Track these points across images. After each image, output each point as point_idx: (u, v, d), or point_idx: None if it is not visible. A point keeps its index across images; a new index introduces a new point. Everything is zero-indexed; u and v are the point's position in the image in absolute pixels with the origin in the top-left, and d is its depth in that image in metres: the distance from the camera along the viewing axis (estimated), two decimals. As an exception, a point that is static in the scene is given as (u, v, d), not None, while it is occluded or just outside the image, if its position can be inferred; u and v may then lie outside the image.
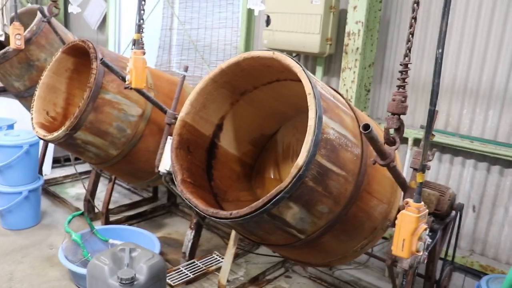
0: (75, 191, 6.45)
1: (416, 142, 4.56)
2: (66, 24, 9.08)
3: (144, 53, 3.08)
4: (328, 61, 5.28)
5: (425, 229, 2.04)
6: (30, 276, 4.13)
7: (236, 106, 3.00)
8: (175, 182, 2.51)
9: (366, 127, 1.85)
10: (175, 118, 3.68)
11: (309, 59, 5.51)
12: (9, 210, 4.89)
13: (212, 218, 2.26)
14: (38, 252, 4.64)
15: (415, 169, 2.39)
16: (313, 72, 5.27)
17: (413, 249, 2.03)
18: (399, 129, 2.14)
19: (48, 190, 6.22)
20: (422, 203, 2.02)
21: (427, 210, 2.06)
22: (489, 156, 4.24)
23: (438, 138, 4.42)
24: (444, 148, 4.52)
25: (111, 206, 5.60)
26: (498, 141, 4.18)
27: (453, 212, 3.65)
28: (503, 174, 4.27)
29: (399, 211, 3.15)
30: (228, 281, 4.11)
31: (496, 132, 4.22)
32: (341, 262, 3.02)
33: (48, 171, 6.92)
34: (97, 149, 3.87)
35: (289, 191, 2.11)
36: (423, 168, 1.98)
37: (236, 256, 4.38)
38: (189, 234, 4.41)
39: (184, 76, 3.68)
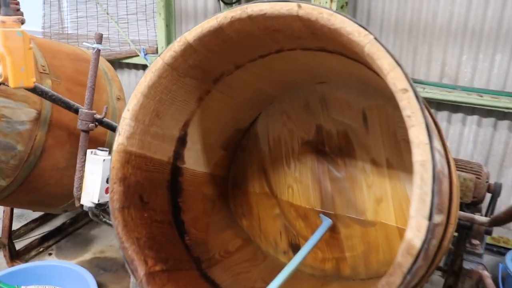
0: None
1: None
2: None
3: (22, 22, 1.67)
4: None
5: None
6: None
7: (206, 101, 1.76)
8: (135, 279, 1.29)
9: None
10: (95, 121, 2.33)
11: None
12: None
13: None
14: None
15: None
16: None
17: None
18: None
19: None
20: None
21: None
22: (496, 110, 3.46)
23: (432, 93, 3.55)
24: (440, 105, 3.67)
25: (16, 225, 4.22)
26: (508, 92, 3.40)
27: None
28: (513, 130, 3.54)
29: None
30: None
31: (505, 80, 3.43)
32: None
33: None
34: (-29, 182, 2.41)
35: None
36: None
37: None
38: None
39: (99, 51, 2.29)
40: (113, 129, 2.57)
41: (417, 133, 1.03)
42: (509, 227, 3.71)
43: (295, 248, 2.11)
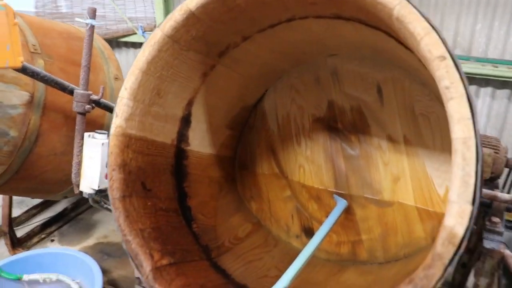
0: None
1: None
2: None
3: (4, -5, 1.52)
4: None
5: None
6: None
7: (211, 77, 1.62)
8: (141, 275, 1.18)
9: None
10: (91, 102, 2.19)
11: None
12: None
13: None
14: None
15: None
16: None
17: None
18: None
19: None
20: None
21: None
22: (511, 81, 3.30)
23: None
24: (452, 77, 3.51)
25: (17, 212, 4.12)
26: (525, 61, 3.23)
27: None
28: (529, 101, 3.39)
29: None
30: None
31: (521, 49, 3.26)
32: None
33: None
34: (-37, 170, 2.29)
35: None
36: None
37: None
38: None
39: (93, 27, 2.13)
40: (111, 110, 2.43)
41: (457, 107, 0.90)
42: (524, 202, 3.60)
43: (308, 232, 2.00)
